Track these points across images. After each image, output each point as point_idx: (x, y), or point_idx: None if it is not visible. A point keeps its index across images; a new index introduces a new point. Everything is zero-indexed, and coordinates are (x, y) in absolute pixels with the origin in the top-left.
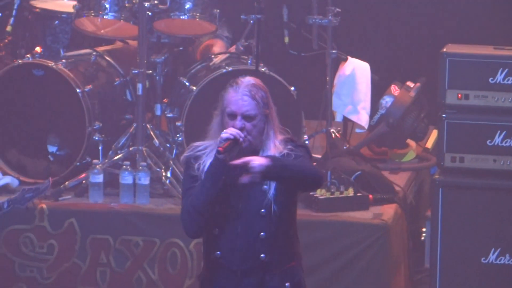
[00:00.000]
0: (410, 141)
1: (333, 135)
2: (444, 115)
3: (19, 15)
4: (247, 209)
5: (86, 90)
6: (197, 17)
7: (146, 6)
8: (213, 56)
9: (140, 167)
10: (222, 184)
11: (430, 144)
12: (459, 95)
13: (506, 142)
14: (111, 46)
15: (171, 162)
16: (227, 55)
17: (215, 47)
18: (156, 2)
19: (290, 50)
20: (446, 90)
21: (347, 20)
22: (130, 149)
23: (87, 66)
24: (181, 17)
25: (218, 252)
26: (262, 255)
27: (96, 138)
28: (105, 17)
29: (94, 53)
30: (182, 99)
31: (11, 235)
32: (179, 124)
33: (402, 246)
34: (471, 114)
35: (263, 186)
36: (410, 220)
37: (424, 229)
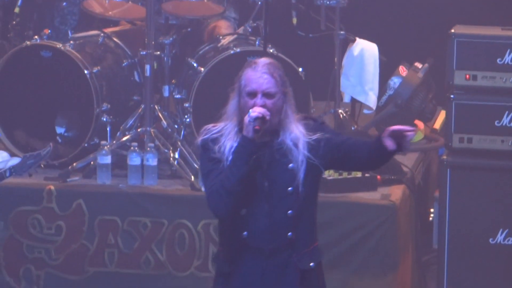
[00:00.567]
0: (418, 122)
1: (341, 116)
2: (452, 96)
3: None
4: (274, 188)
5: (94, 71)
6: None
7: None
8: (221, 37)
9: (148, 148)
10: (252, 163)
11: (438, 125)
12: (467, 76)
13: None
14: (119, 27)
15: (179, 143)
16: (235, 36)
17: (222, 29)
18: None
19: (298, 31)
20: (454, 71)
21: (355, 1)
22: (138, 130)
23: (95, 47)
24: None
25: (245, 232)
26: (290, 233)
27: (104, 119)
28: None
29: (102, 34)
30: (190, 80)
31: (19, 217)
32: (187, 105)
33: (410, 227)
34: (479, 95)
35: (289, 165)
36: (418, 201)
37: (432, 210)
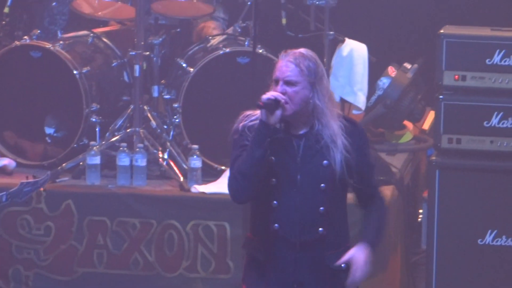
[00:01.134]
0: (407, 122)
1: None
2: (441, 97)
3: None
4: (307, 182)
5: (84, 71)
6: None
7: None
8: (210, 37)
9: (137, 149)
10: (268, 147)
11: (427, 125)
12: (456, 77)
13: (503, 124)
14: (109, 27)
15: (168, 144)
16: (225, 37)
17: (212, 29)
18: None
19: (288, 31)
20: (443, 72)
21: (345, 1)
22: (127, 130)
23: (85, 47)
24: None
25: (276, 224)
26: (321, 229)
27: (93, 120)
28: None
29: (92, 34)
30: (180, 81)
31: (9, 217)
32: (176, 105)
33: (398, 227)
34: (468, 96)
35: (324, 161)
36: (406, 201)
37: (420, 210)
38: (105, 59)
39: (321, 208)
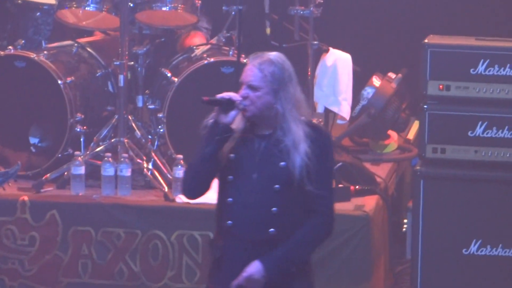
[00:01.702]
0: (391, 132)
1: None
2: (425, 106)
3: (1, 7)
4: (262, 182)
5: (68, 81)
6: (179, 8)
7: None
8: (194, 47)
9: (121, 159)
10: (218, 145)
11: (411, 135)
12: (441, 86)
13: (487, 133)
14: (93, 37)
15: (153, 154)
16: (209, 47)
17: (195, 39)
18: None
19: (272, 41)
20: (427, 81)
21: (329, 11)
22: (112, 140)
23: (69, 57)
24: (163, 8)
25: (229, 221)
26: (271, 230)
27: (77, 130)
28: (87, 8)
29: (76, 44)
30: (164, 91)
31: None
32: (161, 115)
33: (383, 237)
34: (453, 105)
35: (281, 163)
36: (391, 211)
37: (405, 220)
38: (89, 69)
39: (273, 208)
